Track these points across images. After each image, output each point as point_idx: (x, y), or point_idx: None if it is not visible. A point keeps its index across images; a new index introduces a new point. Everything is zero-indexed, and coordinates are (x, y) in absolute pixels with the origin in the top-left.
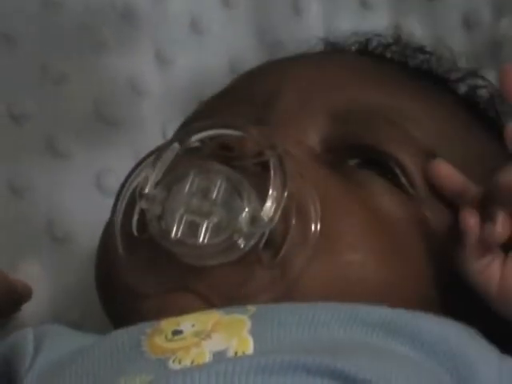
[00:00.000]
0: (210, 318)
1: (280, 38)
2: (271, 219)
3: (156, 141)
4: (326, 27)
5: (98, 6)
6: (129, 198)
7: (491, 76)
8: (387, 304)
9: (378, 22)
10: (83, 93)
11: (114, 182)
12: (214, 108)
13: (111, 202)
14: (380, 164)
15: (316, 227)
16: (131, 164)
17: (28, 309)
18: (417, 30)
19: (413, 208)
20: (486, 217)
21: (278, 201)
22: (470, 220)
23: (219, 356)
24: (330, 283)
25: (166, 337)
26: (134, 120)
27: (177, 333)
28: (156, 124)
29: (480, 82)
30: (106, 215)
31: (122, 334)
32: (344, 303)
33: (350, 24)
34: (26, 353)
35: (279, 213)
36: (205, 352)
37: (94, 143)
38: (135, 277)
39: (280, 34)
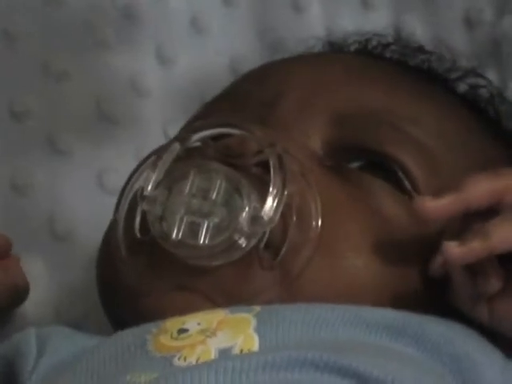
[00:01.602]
0: (216, 316)
1: (281, 37)
2: (271, 218)
3: (157, 139)
4: (326, 26)
5: (99, 4)
6: (131, 200)
7: (493, 75)
8: (389, 306)
9: (378, 21)
10: (84, 91)
11: (116, 180)
12: (215, 110)
13: (112, 199)
14: (383, 167)
15: (317, 227)
16: (132, 162)
17: (29, 307)
18: (418, 29)
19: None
20: (477, 271)
21: (278, 199)
22: (459, 274)
23: (224, 353)
24: (331, 285)
25: (171, 335)
26: (135, 118)
27: (182, 331)
28: (157, 122)
29: (480, 80)
30: (108, 213)
31: (127, 335)
32: (347, 305)
33: (350, 22)
34: (29, 354)
35: (280, 212)
36: (210, 349)
37: (95, 141)
38: (137, 278)
39: (281, 32)
